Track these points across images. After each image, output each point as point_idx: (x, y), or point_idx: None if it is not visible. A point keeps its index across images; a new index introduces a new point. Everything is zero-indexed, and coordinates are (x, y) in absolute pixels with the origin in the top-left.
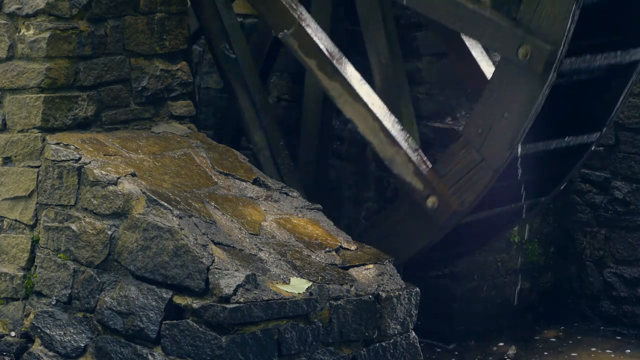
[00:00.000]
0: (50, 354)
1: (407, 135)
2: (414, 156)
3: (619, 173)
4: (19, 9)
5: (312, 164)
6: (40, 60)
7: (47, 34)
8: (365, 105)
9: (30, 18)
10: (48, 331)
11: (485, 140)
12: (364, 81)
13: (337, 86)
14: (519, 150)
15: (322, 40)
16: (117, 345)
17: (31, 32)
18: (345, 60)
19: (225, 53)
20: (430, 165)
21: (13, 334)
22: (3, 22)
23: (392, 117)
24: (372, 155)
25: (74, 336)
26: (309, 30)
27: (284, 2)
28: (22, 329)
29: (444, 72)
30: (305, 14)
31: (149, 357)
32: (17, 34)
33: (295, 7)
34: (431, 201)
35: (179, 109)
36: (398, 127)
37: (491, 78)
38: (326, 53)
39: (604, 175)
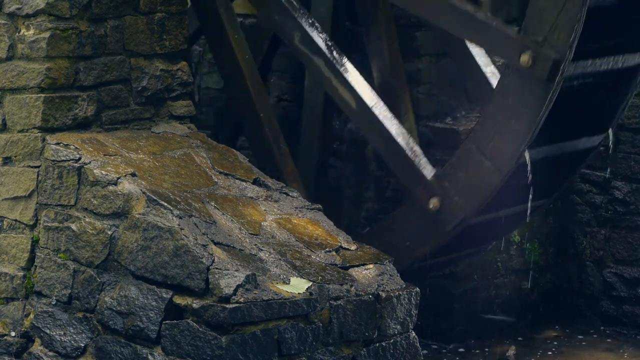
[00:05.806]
0: (50, 354)
1: (409, 137)
2: (416, 160)
3: (619, 173)
4: (19, 9)
5: (313, 164)
6: (40, 60)
7: (47, 34)
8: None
9: (30, 18)
10: (48, 331)
11: (494, 146)
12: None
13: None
14: (527, 155)
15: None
16: (117, 345)
17: (31, 32)
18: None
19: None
20: (433, 170)
21: (13, 334)
22: (3, 22)
23: (395, 120)
24: (372, 155)
25: (74, 336)
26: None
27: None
28: (22, 329)
29: (444, 72)
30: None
31: (149, 357)
32: (17, 34)
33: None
34: (433, 203)
35: (179, 109)
36: (401, 130)
37: (496, 86)
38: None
39: (604, 175)
